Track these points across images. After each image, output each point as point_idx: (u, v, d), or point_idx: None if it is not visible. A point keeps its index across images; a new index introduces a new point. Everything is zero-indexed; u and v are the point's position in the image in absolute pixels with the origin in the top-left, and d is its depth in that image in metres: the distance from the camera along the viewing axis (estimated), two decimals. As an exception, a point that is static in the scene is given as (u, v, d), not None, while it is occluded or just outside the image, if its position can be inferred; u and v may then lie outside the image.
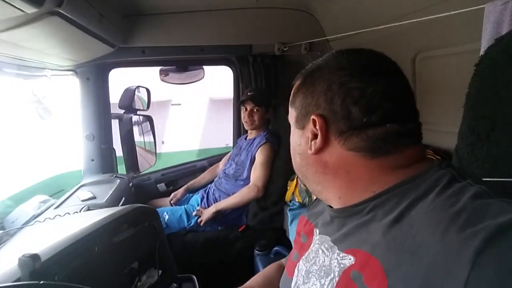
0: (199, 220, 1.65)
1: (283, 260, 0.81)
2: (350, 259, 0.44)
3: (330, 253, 0.49)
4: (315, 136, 0.48)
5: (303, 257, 0.56)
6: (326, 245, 0.51)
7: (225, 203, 1.66)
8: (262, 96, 1.73)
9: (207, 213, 1.64)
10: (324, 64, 0.50)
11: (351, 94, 0.44)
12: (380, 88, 0.44)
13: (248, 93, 1.73)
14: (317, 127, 0.47)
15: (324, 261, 0.49)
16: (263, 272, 0.79)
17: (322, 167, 0.49)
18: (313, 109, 0.48)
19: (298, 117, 0.52)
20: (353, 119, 0.44)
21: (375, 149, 0.45)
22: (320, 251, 0.52)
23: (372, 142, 0.44)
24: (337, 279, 0.44)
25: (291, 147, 0.55)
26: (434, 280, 0.33)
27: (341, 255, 0.46)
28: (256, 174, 1.65)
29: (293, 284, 0.56)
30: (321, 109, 0.47)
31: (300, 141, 0.52)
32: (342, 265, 0.45)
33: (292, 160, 0.55)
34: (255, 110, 1.71)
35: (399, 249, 0.38)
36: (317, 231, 0.58)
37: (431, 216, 0.37)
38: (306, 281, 0.52)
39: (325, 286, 0.46)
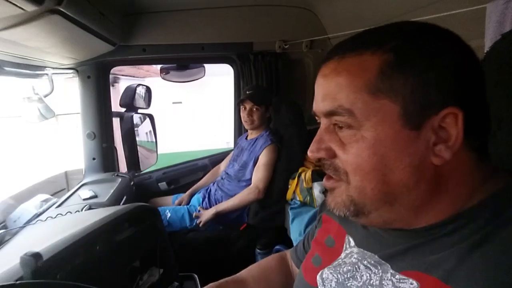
0: (198, 221, 1.65)
1: (287, 252, 0.75)
2: (412, 284, 0.36)
3: (380, 271, 0.41)
4: (439, 139, 0.35)
5: (331, 266, 0.49)
6: (373, 261, 0.43)
7: (225, 205, 1.66)
8: (261, 94, 1.70)
9: (207, 214, 1.63)
10: (436, 30, 0.37)
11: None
12: None
13: (247, 92, 1.70)
14: (459, 125, 0.34)
15: (371, 279, 0.41)
16: (261, 263, 0.72)
17: (436, 182, 0.37)
18: (441, 98, 0.35)
19: (408, 111, 0.35)
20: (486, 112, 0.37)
21: (484, 150, 0.37)
22: (362, 266, 0.44)
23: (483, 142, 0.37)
24: None
25: (368, 161, 0.36)
26: None
27: (397, 276, 0.38)
28: (258, 175, 1.63)
29: None
30: (456, 98, 0.35)
31: (412, 147, 0.36)
32: None
33: (371, 181, 0.37)
34: (254, 109, 1.68)
35: (490, 280, 0.30)
36: (351, 240, 0.49)
37: None
38: None
39: None
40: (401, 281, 0.37)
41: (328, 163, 0.41)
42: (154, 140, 2.03)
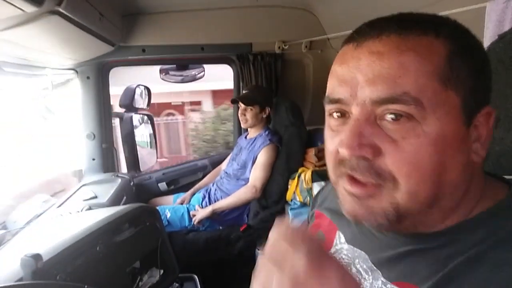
0: (193, 219, 1.65)
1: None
2: None
3: (371, 277, 0.39)
4: (475, 137, 0.34)
5: None
6: (365, 266, 0.40)
7: (222, 203, 1.66)
8: (255, 95, 1.71)
9: (203, 212, 1.63)
10: (467, 31, 0.35)
11: None
12: None
13: (243, 91, 1.73)
14: (490, 124, 0.34)
15: (361, 284, 0.40)
16: None
17: (469, 182, 0.35)
18: (483, 97, 0.34)
19: (467, 106, 0.32)
20: None
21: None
22: (354, 269, 0.41)
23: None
24: None
25: (429, 160, 0.31)
26: None
27: (388, 285, 0.37)
28: (256, 174, 1.64)
29: None
30: (488, 97, 0.35)
31: (464, 145, 0.33)
32: None
33: (427, 183, 0.32)
34: (248, 109, 1.69)
35: None
36: (342, 236, 0.46)
37: None
38: None
39: None
40: None
41: (367, 165, 0.32)
42: (153, 140, 2.04)
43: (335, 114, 0.36)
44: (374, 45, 0.33)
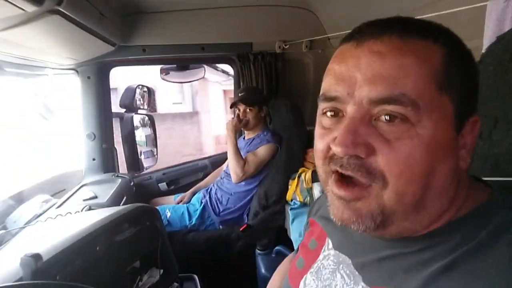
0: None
1: (290, 256, 0.74)
2: None
3: (352, 282, 0.40)
4: (461, 144, 0.34)
5: (312, 270, 0.48)
6: (348, 271, 0.41)
7: (231, 145, 1.63)
8: (253, 95, 1.71)
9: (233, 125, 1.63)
10: (460, 42, 0.35)
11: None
12: None
13: (239, 94, 1.72)
14: (474, 132, 0.35)
15: None
16: (279, 274, 0.68)
17: (456, 188, 0.35)
18: (472, 106, 0.34)
19: (459, 113, 0.33)
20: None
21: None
22: (338, 275, 0.42)
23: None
24: None
25: (420, 162, 0.31)
26: None
27: None
28: (250, 164, 1.63)
29: None
30: (476, 107, 0.35)
31: (455, 151, 0.33)
32: None
33: (415, 185, 0.32)
34: (247, 110, 1.69)
35: None
36: (330, 242, 0.48)
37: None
38: None
39: None
40: None
41: (359, 163, 0.33)
42: (154, 140, 2.03)
43: (328, 113, 0.36)
44: (375, 45, 0.32)
